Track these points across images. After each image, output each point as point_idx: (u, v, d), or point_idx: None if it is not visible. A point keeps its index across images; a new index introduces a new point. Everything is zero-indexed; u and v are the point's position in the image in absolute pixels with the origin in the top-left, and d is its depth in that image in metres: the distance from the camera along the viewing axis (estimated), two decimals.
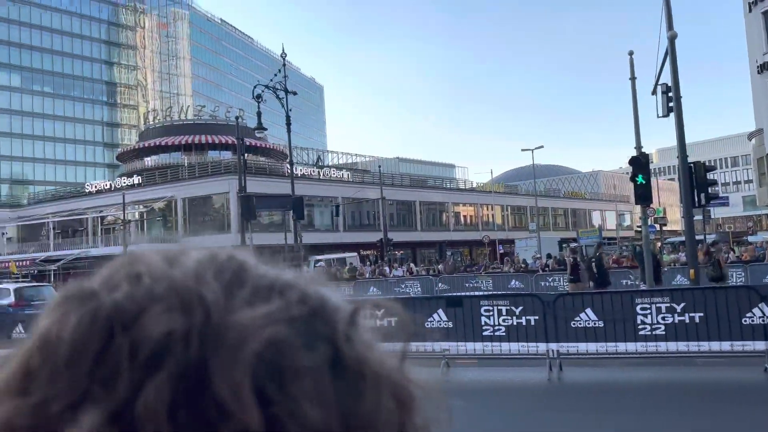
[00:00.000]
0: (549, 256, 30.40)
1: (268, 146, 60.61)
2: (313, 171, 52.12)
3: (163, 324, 0.35)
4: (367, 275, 28.23)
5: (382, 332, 0.41)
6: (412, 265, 32.76)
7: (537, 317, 9.17)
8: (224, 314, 0.36)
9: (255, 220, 16.88)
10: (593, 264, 15.56)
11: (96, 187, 51.52)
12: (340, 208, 45.79)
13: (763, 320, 8.23)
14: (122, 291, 0.37)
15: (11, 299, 18.75)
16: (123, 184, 48.51)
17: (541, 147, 50.26)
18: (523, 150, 52.98)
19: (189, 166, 50.28)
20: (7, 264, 39.73)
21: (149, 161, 59.17)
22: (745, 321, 8.30)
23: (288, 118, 29.51)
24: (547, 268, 26.09)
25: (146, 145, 60.45)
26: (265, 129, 29.82)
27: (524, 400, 7.87)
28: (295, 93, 31.31)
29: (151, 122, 64.51)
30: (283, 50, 30.27)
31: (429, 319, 9.39)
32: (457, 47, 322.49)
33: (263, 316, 0.37)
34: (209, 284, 0.37)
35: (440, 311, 9.45)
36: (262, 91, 27.43)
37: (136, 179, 49.29)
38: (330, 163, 66.37)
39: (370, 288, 21.51)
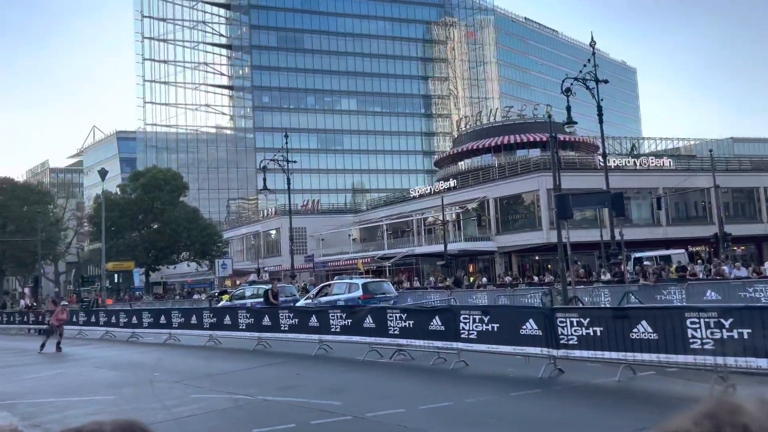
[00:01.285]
0: None
1: (577, 140, 58.85)
2: (628, 161, 48.65)
3: None
4: (700, 275, 24.97)
5: None
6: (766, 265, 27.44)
7: None
8: None
9: (571, 219, 16.46)
10: None
11: (418, 191, 56.92)
12: (662, 199, 41.64)
13: None
14: None
15: (360, 293, 21.97)
16: (441, 188, 52.54)
17: None
18: None
19: (499, 167, 51.83)
20: (354, 261, 46.85)
21: (463, 165, 62.93)
22: None
23: (599, 108, 28.14)
24: None
25: (459, 150, 64.46)
26: (575, 123, 28.90)
27: None
28: (606, 81, 29.71)
29: (463, 128, 68.49)
30: (591, 39, 29.02)
31: None
32: None
33: None
34: None
35: None
36: (571, 84, 26.64)
37: (451, 182, 52.88)
38: (647, 151, 61.16)
39: (707, 292, 18.88)
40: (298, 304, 22.20)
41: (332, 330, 15.10)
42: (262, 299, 24.88)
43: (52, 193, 69.38)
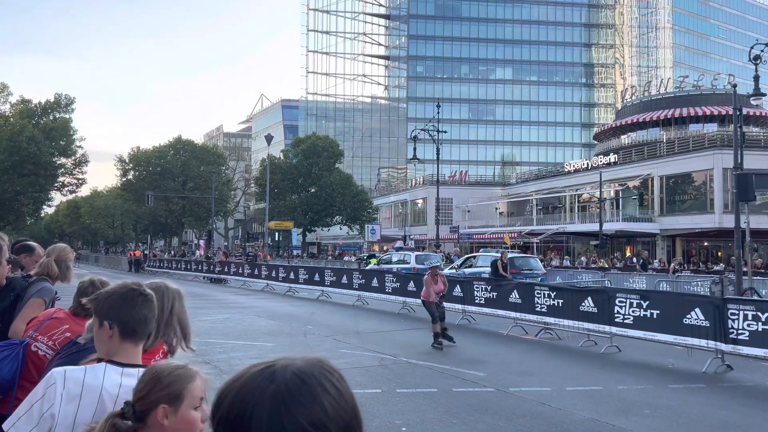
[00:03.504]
0: None
1: (764, 114, 52.18)
2: None
3: None
4: None
5: None
6: None
7: None
8: None
9: (754, 202, 14.66)
10: None
11: (573, 166, 54.10)
12: None
13: None
14: None
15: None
16: (599, 163, 49.47)
17: None
18: None
19: (668, 142, 47.64)
20: (500, 235, 46.06)
21: (625, 139, 58.73)
22: None
23: None
24: None
25: (623, 122, 60.14)
26: (764, 95, 25.67)
27: None
28: None
29: (628, 99, 63.63)
30: None
31: None
32: None
33: None
34: None
35: None
36: (762, 51, 23.53)
37: (612, 157, 49.55)
38: None
39: None
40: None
41: (476, 301, 15.03)
42: (403, 267, 25.40)
43: (225, 155, 76.17)
